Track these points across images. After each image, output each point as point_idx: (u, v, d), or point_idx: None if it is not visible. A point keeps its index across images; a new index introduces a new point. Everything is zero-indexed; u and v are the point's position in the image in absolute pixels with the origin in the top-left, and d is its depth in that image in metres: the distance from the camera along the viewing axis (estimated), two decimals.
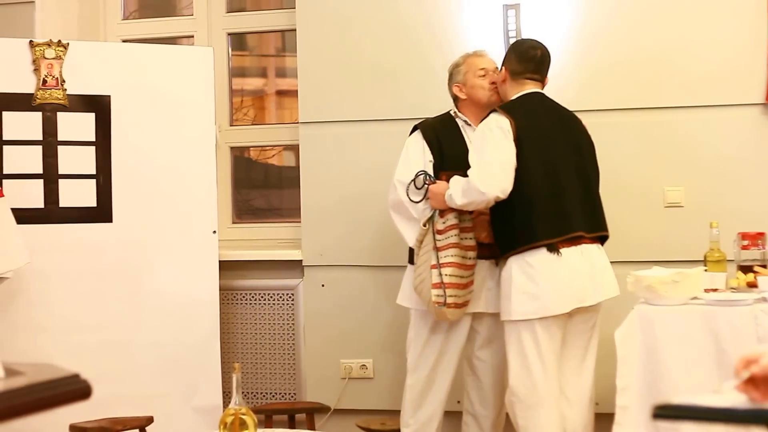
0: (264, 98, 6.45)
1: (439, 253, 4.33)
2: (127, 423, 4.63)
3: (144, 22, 6.23)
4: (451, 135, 4.65)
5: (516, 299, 4.20)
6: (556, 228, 4.21)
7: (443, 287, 4.30)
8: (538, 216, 4.20)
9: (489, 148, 4.20)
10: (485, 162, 4.17)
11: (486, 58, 4.68)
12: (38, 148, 5.02)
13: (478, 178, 4.14)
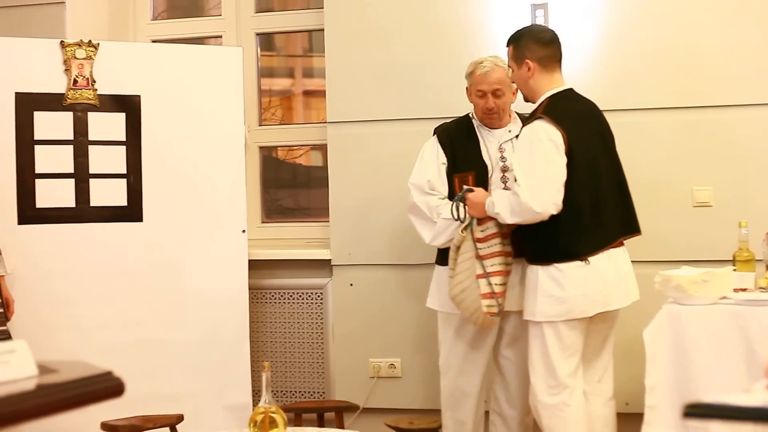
0: (291, 98, 6.47)
1: (484, 262, 4.29)
2: (157, 421, 4.65)
3: (173, 23, 6.26)
4: (464, 137, 4.66)
5: (541, 301, 4.18)
6: (594, 242, 4.18)
7: (495, 297, 4.27)
8: (581, 231, 4.14)
9: (541, 163, 4.07)
10: (537, 179, 4.05)
11: (491, 77, 4.56)
12: (69, 147, 5.06)
13: (531, 198, 4.03)
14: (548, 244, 4.17)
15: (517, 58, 4.31)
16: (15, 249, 4.82)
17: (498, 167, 4.59)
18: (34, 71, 5.01)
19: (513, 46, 4.34)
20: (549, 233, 4.13)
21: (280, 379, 5.65)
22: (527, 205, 4.02)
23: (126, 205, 5.12)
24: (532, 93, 4.31)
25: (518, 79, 4.36)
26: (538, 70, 4.27)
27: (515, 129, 4.61)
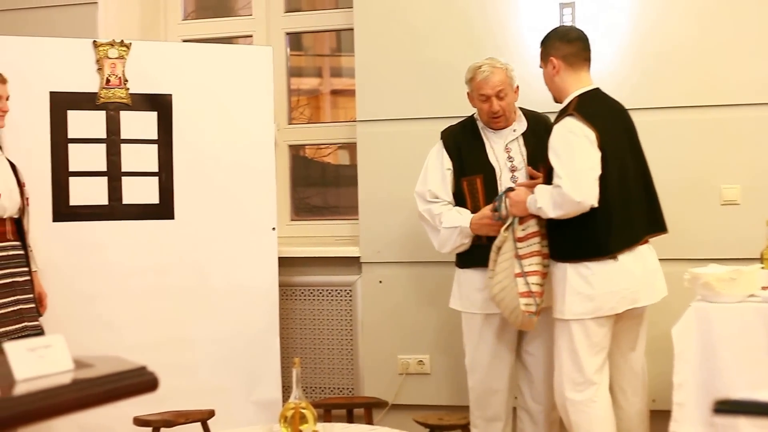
0: (319, 98, 6.50)
1: (522, 262, 4.29)
2: (189, 416, 4.70)
3: (203, 23, 6.31)
4: (470, 140, 4.67)
5: (570, 299, 4.19)
6: (623, 240, 4.19)
7: (533, 296, 4.27)
8: (610, 229, 4.15)
9: (579, 156, 4.08)
10: (577, 170, 4.06)
11: (491, 80, 4.54)
12: (102, 146, 5.11)
13: (572, 188, 4.03)
14: (578, 242, 4.17)
15: (543, 57, 4.34)
16: (49, 246, 4.88)
17: (506, 168, 4.59)
18: (67, 71, 5.07)
19: (542, 47, 4.36)
20: (578, 230, 4.14)
21: (309, 375, 5.68)
22: (569, 196, 4.02)
23: (158, 203, 5.17)
24: (559, 92, 4.32)
25: (545, 78, 4.36)
26: (564, 68, 4.27)
27: (520, 127, 4.64)
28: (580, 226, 4.12)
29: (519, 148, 4.60)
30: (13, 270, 4.48)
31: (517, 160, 4.58)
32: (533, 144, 4.57)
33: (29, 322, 4.50)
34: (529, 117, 4.68)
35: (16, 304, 4.46)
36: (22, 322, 4.46)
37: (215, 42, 5.91)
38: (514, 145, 4.62)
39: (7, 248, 4.47)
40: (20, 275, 4.52)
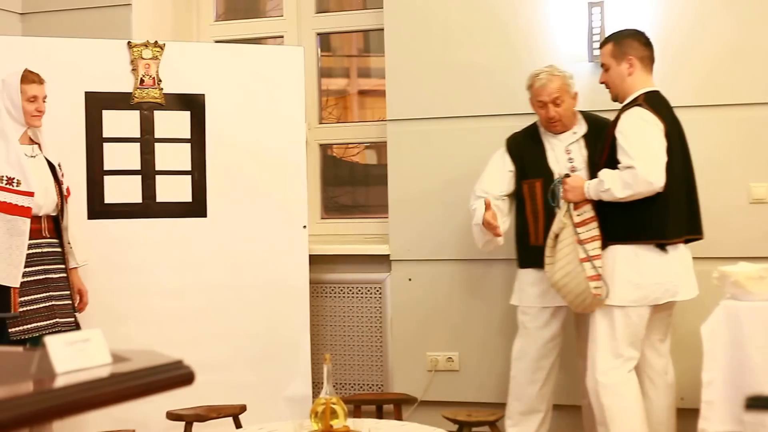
0: (346, 98, 6.53)
1: (586, 246, 4.36)
2: (221, 411, 4.74)
3: (235, 23, 6.36)
4: (531, 145, 4.82)
5: (619, 286, 4.31)
6: (674, 231, 4.33)
7: (602, 279, 4.33)
8: (667, 216, 4.29)
9: (652, 140, 4.22)
10: (652, 153, 4.19)
11: (548, 87, 4.68)
12: (136, 145, 5.17)
13: (646, 169, 4.15)
14: (632, 224, 4.30)
15: (617, 55, 4.43)
16: (84, 243, 4.94)
17: (566, 170, 4.69)
18: (102, 71, 5.13)
19: (613, 43, 4.46)
20: (633, 212, 4.27)
21: (339, 371, 5.71)
22: (643, 176, 4.14)
23: (191, 201, 5.23)
24: (625, 91, 4.42)
25: (616, 76, 4.44)
26: (639, 69, 4.40)
27: (580, 130, 4.76)
28: (635, 209, 4.26)
29: (579, 149, 4.73)
30: (47, 267, 4.54)
31: (577, 162, 4.71)
32: (594, 145, 4.66)
33: (62, 318, 4.54)
34: (590, 119, 4.81)
35: (48, 300, 4.51)
36: (54, 318, 4.51)
37: (246, 43, 5.96)
38: (574, 147, 4.75)
39: (42, 245, 4.52)
40: (55, 272, 4.58)
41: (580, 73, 5.08)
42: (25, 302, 4.43)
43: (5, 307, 4.37)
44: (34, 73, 4.55)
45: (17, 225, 4.38)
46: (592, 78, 5.06)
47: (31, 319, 4.43)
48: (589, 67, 5.17)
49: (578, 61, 5.16)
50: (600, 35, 5.08)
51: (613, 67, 4.45)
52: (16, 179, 4.39)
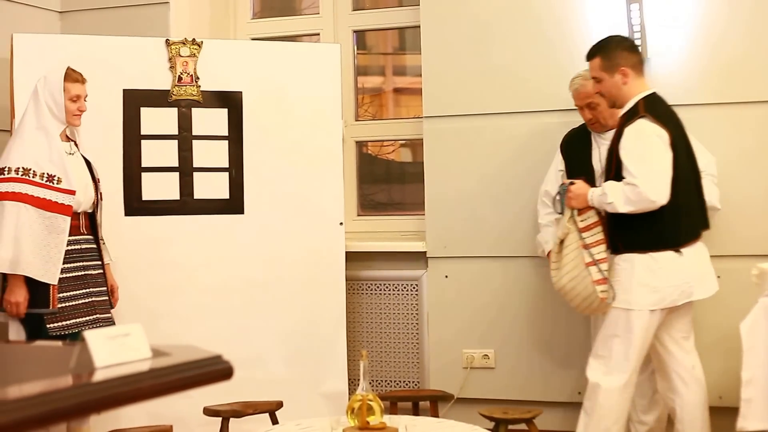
0: (381, 96, 6.53)
1: (591, 250, 4.40)
2: (258, 407, 4.76)
3: (272, 21, 6.38)
4: (579, 144, 4.90)
5: (637, 290, 4.31)
6: (687, 233, 4.37)
7: (608, 283, 4.36)
8: (678, 222, 4.32)
9: (654, 157, 4.26)
10: (654, 170, 4.24)
11: (580, 92, 4.78)
12: (174, 142, 5.20)
13: (648, 187, 4.20)
14: (647, 234, 4.31)
15: (608, 68, 4.42)
16: (121, 239, 4.97)
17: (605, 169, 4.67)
18: (140, 69, 5.17)
19: (601, 56, 4.45)
20: (648, 223, 4.28)
21: (375, 368, 5.72)
22: (645, 194, 4.19)
23: (228, 198, 5.25)
24: (622, 98, 4.43)
25: (611, 87, 4.44)
26: (633, 76, 4.40)
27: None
28: (650, 219, 4.27)
29: None
30: (86, 263, 4.58)
31: None
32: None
33: (101, 314, 4.59)
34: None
35: (88, 296, 4.56)
36: (94, 314, 4.55)
37: (283, 40, 5.98)
38: None
39: (80, 242, 4.56)
40: (93, 268, 4.62)
41: None
42: (65, 298, 4.46)
43: (44, 303, 4.41)
44: (77, 72, 4.58)
45: (57, 223, 4.41)
46: None
47: (70, 315, 4.47)
48: None
49: None
50: (640, 32, 5.08)
51: (606, 80, 4.45)
52: (57, 177, 4.42)
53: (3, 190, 4.35)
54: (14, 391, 1.55)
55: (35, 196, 4.37)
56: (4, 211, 4.32)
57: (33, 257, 4.34)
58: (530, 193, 5.21)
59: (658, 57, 5.11)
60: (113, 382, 1.68)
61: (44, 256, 4.38)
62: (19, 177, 4.36)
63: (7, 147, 4.49)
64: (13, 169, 4.38)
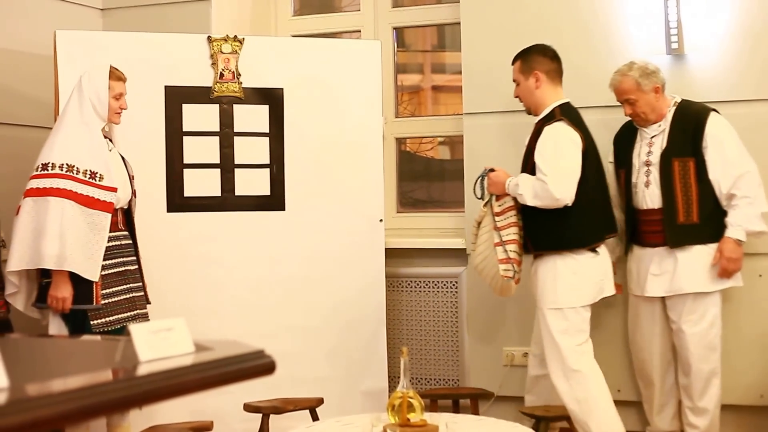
0: (420, 93, 6.52)
1: (501, 233, 4.66)
2: (298, 403, 4.78)
3: (313, 18, 6.39)
4: (627, 136, 4.93)
5: (562, 290, 4.61)
6: (600, 234, 4.68)
7: (511, 263, 4.62)
8: (593, 223, 4.66)
9: (566, 158, 4.55)
10: (562, 169, 4.52)
11: (618, 89, 4.82)
12: (215, 139, 5.21)
13: (554, 184, 4.49)
14: (563, 234, 4.61)
15: (525, 71, 4.75)
16: (163, 236, 5.00)
17: (643, 162, 4.80)
18: (182, 65, 5.18)
19: (521, 60, 4.79)
20: (563, 223, 4.58)
21: (415, 365, 5.71)
22: (551, 191, 4.48)
23: (269, 195, 5.25)
24: (536, 105, 4.75)
25: (525, 90, 4.77)
26: (545, 82, 4.73)
27: (666, 123, 4.78)
28: (569, 221, 4.58)
29: (661, 142, 4.77)
30: (125, 259, 4.60)
31: (654, 155, 4.78)
32: (673, 138, 4.74)
33: (140, 309, 4.62)
34: (680, 111, 4.80)
35: (128, 292, 4.58)
36: (134, 309, 4.58)
37: (324, 37, 5.98)
38: (657, 140, 4.80)
39: (120, 238, 4.58)
40: (131, 264, 4.64)
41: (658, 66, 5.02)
42: (107, 294, 4.49)
43: (88, 299, 4.44)
44: (119, 70, 4.60)
45: (99, 220, 4.43)
46: (670, 71, 5.02)
47: (113, 311, 4.50)
48: (667, 59, 5.10)
49: (656, 53, 5.09)
50: (677, 28, 5.05)
51: (522, 82, 4.76)
52: (99, 174, 4.44)
53: (48, 186, 4.36)
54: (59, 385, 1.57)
55: (79, 193, 4.38)
56: (49, 207, 4.34)
57: (77, 253, 4.37)
58: None
59: (694, 52, 5.08)
60: (157, 376, 1.70)
61: (85, 253, 4.40)
62: (63, 173, 4.37)
63: (50, 141, 4.49)
64: (57, 165, 4.39)
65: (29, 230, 4.35)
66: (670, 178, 4.67)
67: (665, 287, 4.73)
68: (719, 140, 4.63)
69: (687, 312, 4.68)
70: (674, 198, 4.66)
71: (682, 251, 4.67)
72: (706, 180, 4.64)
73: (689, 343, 4.68)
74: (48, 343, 2.54)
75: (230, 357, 1.86)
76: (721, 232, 4.64)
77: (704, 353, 4.67)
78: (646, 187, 4.76)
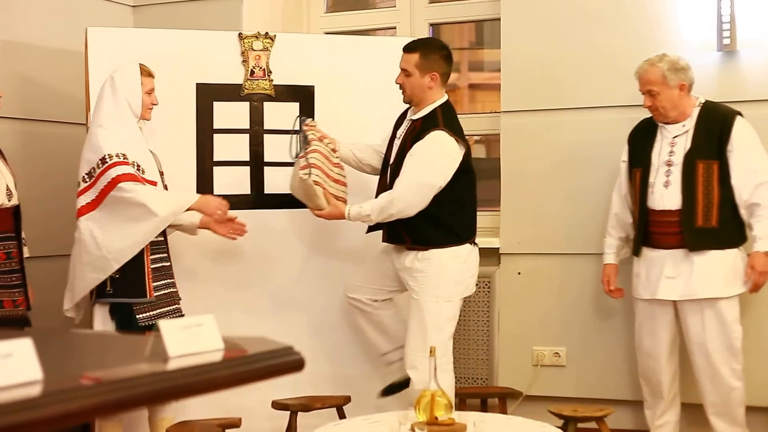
0: (456, 91, 6.50)
1: (308, 155, 4.75)
2: (326, 401, 4.78)
3: (346, 15, 6.38)
4: (644, 135, 4.84)
5: (446, 284, 4.69)
6: (474, 231, 4.83)
7: (310, 167, 4.68)
8: (472, 222, 4.82)
9: (431, 172, 4.61)
10: (421, 185, 4.59)
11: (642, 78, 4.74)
12: (245, 136, 5.21)
13: (404, 200, 4.59)
14: (453, 229, 4.71)
15: (422, 68, 4.68)
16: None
17: (663, 162, 4.71)
18: (213, 63, 5.17)
19: (420, 55, 4.70)
20: (453, 219, 4.70)
21: None
22: (396, 206, 4.59)
23: None
24: (420, 101, 4.73)
25: (415, 85, 4.70)
26: (439, 84, 4.73)
27: (690, 123, 4.70)
28: (453, 216, 4.70)
29: (684, 143, 4.69)
30: (161, 255, 4.62)
31: (677, 155, 4.69)
32: (698, 139, 4.66)
33: (177, 305, 4.65)
34: (705, 112, 4.72)
35: (167, 287, 4.61)
36: (174, 303, 4.62)
37: (356, 34, 5.97)
38: (680, 140, 4.72)
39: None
40: (166, 260, 4.67)
41: (708, 63, 5.02)
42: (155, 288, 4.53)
43: (140, 292, 4.48)
44: (147, 66, 4.62)
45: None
46: (720, 68, 5.00)
47: (158, 305, 4.53)
48: (718, 56, 5.06)
49: (706, 49, 5.05)
50: (730, 23, 4.96)
51: (416, 77, 4.69)
52: (142, 167, 4.48)
53: (118, 173, 4.36)
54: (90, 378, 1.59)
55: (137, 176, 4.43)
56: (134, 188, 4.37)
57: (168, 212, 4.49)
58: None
59: (748, 49, 5.01)
60: (186, 371, 1.70)
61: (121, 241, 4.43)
62: (122, 161, 4.39)
63: (92, 139, 4.49)
64: (114, 154, 4.40)
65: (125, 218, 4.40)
66: (692, 180, 4.61)
67: (680, 291, 4.66)
68: (745, 145, 4.59)
69: (705, 318, 4.62)
70: (695, 200, 4.60)
71: (698, 255, 4.61)
72: (728, 184, 4.60)
73: (709, 349, 4.63)
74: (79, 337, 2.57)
75: (259, 354, 1.86)
76: (737, 238, 4.63)
77: (725, 358, 4.63)
78: (665, 187, 4.68)
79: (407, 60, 4.71)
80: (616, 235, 5.00)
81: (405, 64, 4.71)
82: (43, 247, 5.10)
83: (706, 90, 4.80)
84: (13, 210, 4.48)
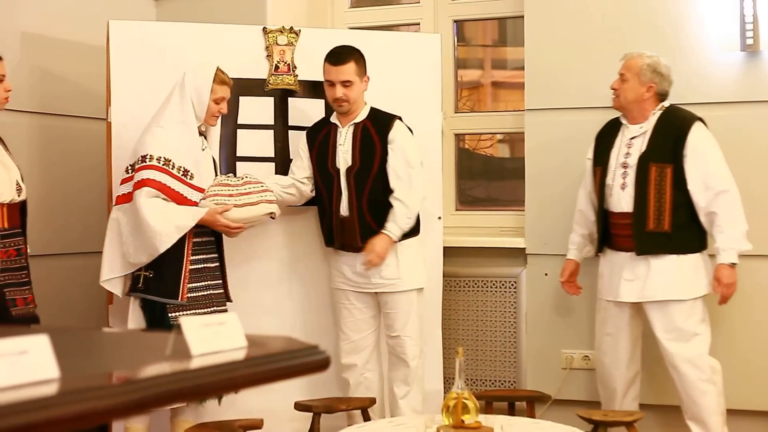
0: (480, 89, 6.45)
1: None
2: (350, 403, 4.74)
3: (370, 10, 6.33)
4: (608, 135, 4.88)
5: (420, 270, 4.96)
6: None
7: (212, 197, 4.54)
8: None
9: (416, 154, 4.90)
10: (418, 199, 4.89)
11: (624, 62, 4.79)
12: (270, 132, 5.15)
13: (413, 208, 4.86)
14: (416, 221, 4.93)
15: (360, 74, 4.85)
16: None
17: (620, 163, 4.73)
18: (237, 57, 5.08)
19: (355, 62, 4.83)
20: None
21: (471, 367, 5.63)
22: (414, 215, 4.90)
23: None
24: (358, 105, 4.89)
25: (357, 91, 4.86)
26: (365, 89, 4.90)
27: (648, 126, 4.70)
28: None
29: (641, 145, 4.71)
30: (205, 256, 4.61)
31: (632, 157, 4.71)
32: (654, 142, 4.67)
33: (218, 307, 4.61)
34: (664, 117, 4.72)
35: (206, 289, 4.58)
36: (211, 306, 4.58)
37: (380, 30, 5.90)
38: (637, 142, 4.73)
39: (200, 234, 4.57)
40: (211, 261, 4.64)
41: (731, 63, 4.98)
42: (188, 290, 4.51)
43: (174, 293, 4.46)
44: (226, 74, 4.60)
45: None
46: (744, 68, 4.95)
47: (191, 306, 4.50)
48: (741, 56, 5.01)
49: (730, 50, 5.00)
50: (752, 23, 4.92)
51: (357, 84, 4.83)
52: (191, 173, 4.48)
53: (145, 177, 4.38)
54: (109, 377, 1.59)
55: (171, 188, 4.42)
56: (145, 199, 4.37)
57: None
58: None
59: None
60: (208, 370, 1.68)
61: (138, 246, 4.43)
62: (159, 166, 4.40)
63: (148, 134, 4.50)
64: (155, 157, 4.42)
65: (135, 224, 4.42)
66: (645, 183, 4.61)
67: (637, 293, 4.68)
68: (701, 151, 4.57)
69: (665, 321, 4.64)
70: (646, 203, 4.61)
71: (655, 258, 4.62)
72: (684, 189, 4.58)
73: (671, 351, 4.64)
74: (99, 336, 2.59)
75: (283, 352, 1.84)
76: (693, 243, 4.63)
77: (688, 362, 4.63)
78: (622, 189, 4.70)
79: (346, 71, 4.81)
80: (580, 232, 5.03)
81: (347, 76, 4.80)
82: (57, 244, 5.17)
83: (728, 90, 4.83)
84: (20, 205, 4.43)
